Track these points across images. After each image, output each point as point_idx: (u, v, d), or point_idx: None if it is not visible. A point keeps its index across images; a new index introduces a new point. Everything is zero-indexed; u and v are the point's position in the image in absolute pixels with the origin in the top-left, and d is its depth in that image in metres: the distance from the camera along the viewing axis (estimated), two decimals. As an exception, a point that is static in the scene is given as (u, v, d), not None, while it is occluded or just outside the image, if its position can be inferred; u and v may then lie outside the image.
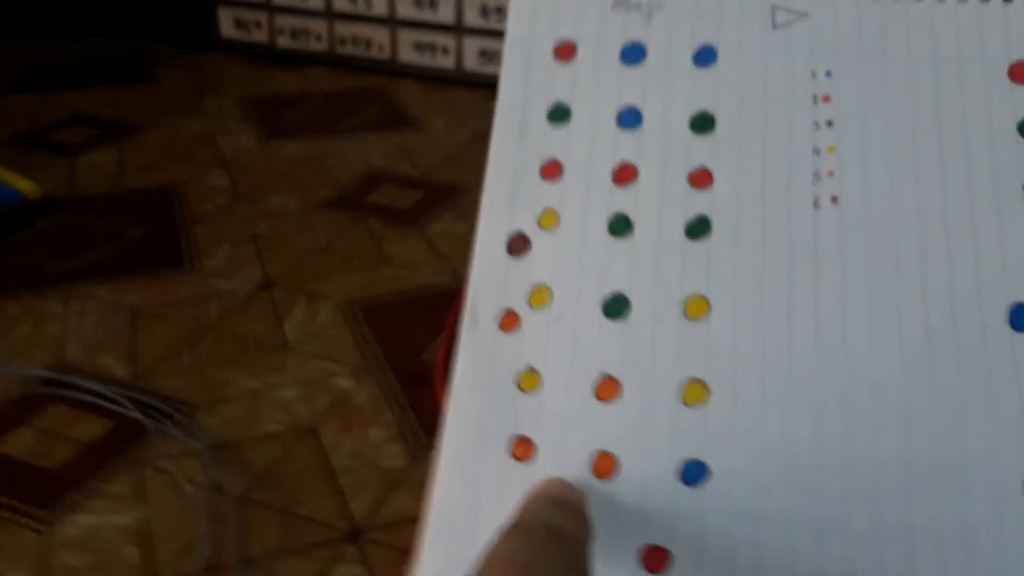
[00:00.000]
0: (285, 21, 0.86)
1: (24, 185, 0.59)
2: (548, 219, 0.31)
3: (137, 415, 0.39)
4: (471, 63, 0.80)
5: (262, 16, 0.87)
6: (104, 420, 0.39)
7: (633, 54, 0.33)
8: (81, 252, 0.53)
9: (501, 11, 0.29)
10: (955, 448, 0.28)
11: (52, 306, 0.48)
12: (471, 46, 0.79)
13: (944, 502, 0.28)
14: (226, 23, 0.89)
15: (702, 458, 0.28)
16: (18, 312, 0.47)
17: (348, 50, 0.85)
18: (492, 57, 0.78)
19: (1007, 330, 0.29)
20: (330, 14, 0.84)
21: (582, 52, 0.33)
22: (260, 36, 0.88)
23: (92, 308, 0.48)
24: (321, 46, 0.86)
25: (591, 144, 0.32)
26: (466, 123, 0.74)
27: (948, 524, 0.27)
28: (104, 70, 0.84)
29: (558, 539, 0.22)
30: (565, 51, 0.33)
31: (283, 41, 0.87)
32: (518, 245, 0.31)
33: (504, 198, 0.32)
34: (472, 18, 0.78)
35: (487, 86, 0.31)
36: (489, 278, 0.31)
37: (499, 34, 0.32)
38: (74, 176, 0.64)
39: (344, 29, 0.84)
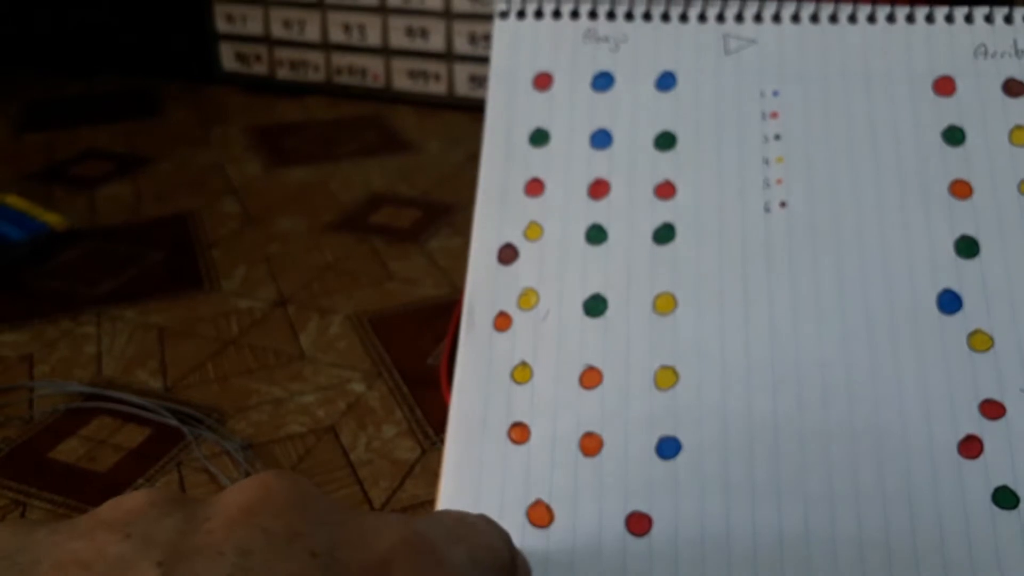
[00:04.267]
0: (284, 54, 0.90)
1: (50, 218, 0.63)
2: (533, 231, 0.36)
3: (173, 422, 0.43)
4: (462, 88, 0.84)
5: (262, 49, 0.91)
6: (144, 428, 0.43)
7: (602, 81, 0.38)
8: (108, 278, 0.58)
9: (488, 38, 0.33)
10: (895, 417, 0.32)
11: (86, 328, 0.52)
12: (461, 72, 0.83)
13: (887, 465, 0.31)
14: (227, 57, 0.93)
15: (675, 435, 0.32)
16: (56, 334, 0.51)
17: (345, 79, 0.89)
18: (481, 82, 0.82)
19: (936, 313, 0.33)
20: (327, 46, 0.88)
21: (558, 81, 0.37)
22: (260, 68, 0.92)
23: (123, 328, 0.52)
24: (319, 76, 0.90)
25: (568, 163, 0.37)
26: (459, 144, 0.78)
27: (891, 484, 0.31)
28: (114, 106, 0.88)
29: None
30: (543, 81, 0.37)
31: (283, 72, 0.91)
32: (507, 255, 0.36)
33: (493, 214, 0.36)
34: (461, 45, 0.82)
35: (478, 109, 0.35)
36: (483, 285, 0.36)
37: (487, 60, 0.36)
38: (95, 208, 0.68)
39: (340, 60, 0.88)
